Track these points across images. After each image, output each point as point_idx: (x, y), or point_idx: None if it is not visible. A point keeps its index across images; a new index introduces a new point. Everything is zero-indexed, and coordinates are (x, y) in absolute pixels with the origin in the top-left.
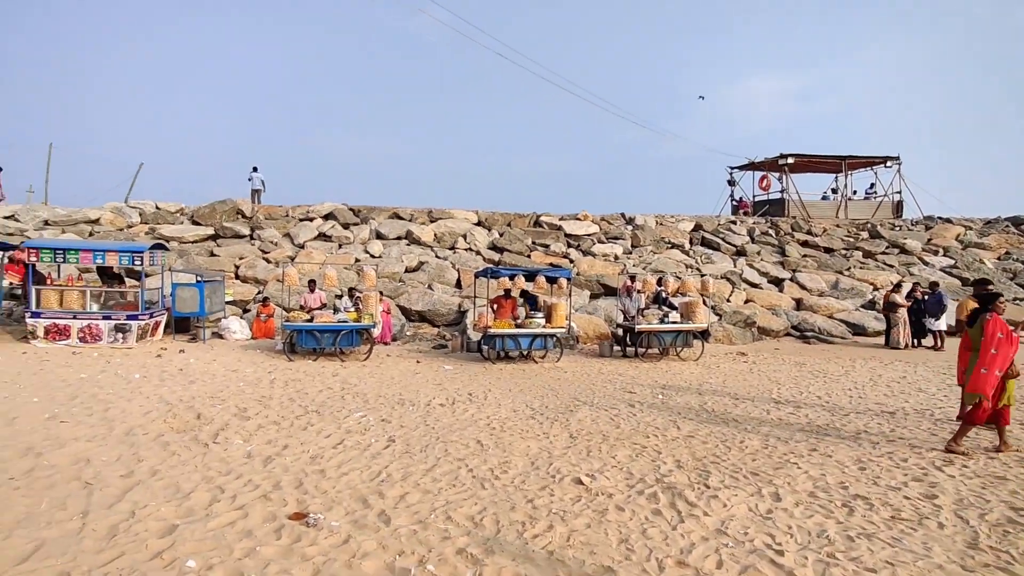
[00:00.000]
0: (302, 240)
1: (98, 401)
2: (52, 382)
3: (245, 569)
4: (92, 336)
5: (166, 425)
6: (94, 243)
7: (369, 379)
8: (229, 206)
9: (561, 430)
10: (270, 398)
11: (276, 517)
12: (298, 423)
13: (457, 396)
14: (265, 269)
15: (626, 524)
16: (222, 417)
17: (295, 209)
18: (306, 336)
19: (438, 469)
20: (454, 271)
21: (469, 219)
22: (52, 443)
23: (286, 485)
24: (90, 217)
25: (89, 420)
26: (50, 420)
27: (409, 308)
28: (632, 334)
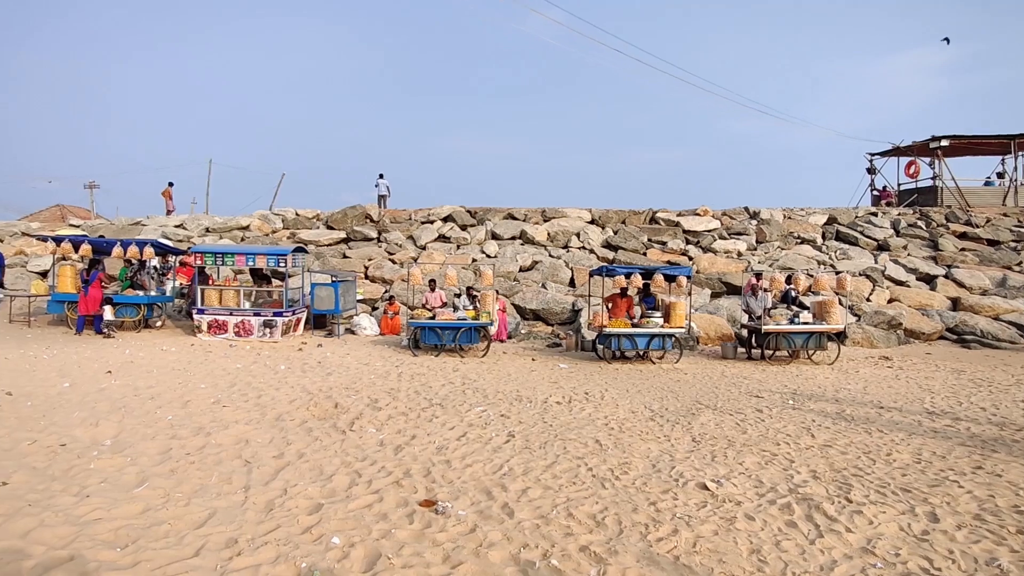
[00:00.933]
0: (423, 242)
1: (252, 389)
2: (215, 371)
3: (382, 549)
4: (245, 331)
5: (309, 413)
6: (246, 247)
7: (487, 375)
8: (359, 211)
9: (683, 433)
10: (398, 390)
11: (408, 503)
12: (424, 415)
13: (574, 395)
14: (391, 269)
15: (757, 534)
16: (356, 407)
17: (417, 212)
18: (429, 333)
19: (558, 466)
20: (567, 270)
21: (582, 217)
22: (218, 424)
23: (415, 473)
24: (241, 224)
25: (245, 405)
26: (215, 404)
27: (524, 307)
28: (758, 335)
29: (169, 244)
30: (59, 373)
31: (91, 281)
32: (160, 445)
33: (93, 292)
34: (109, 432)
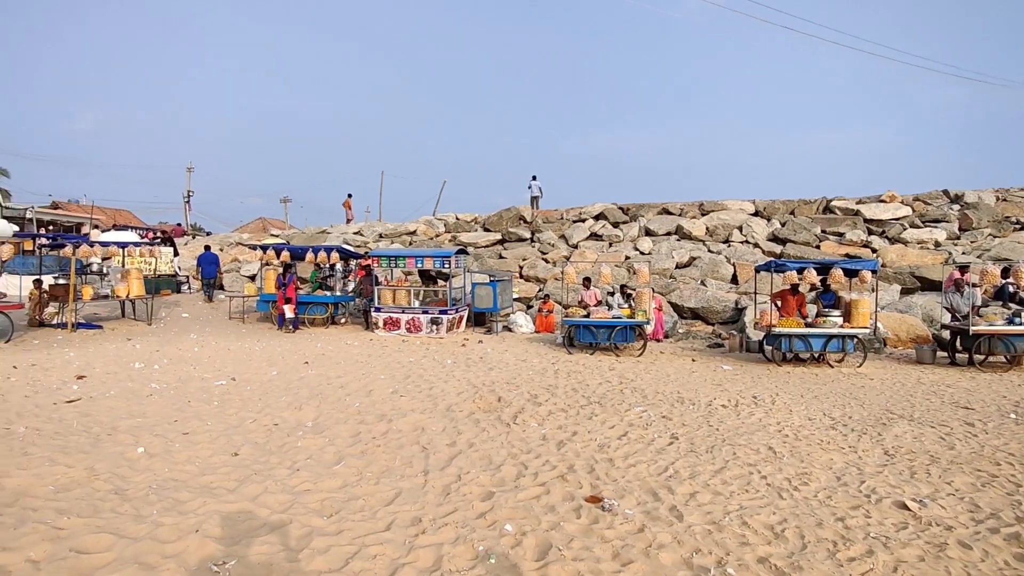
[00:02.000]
0: (576, 240)
1: (424, 381)
2: (391, 364)
3: (553, 540)
4: (415, 327)
5: (475, 405)
6: (415, 251)
7: (645, 375)
8: (513, 213)
9: (872, 445)
10: (556, 387)
11: (574, 497)
12: (583, 412)
13: (740, 398)
14: (544, 268)
15: (976, 566)
16: (518, 401)
17: (568, 211)
18: (584, 331)
19: (727, 472)
20: (729, 266)
21: (745, 210)
22: (397, 412)
23: (579, 469)
24: (409, 229)
25: (419, 396)
26: (393, 394)
27: (681, 305)
28: (964, 337)
29: (350, 249)
30: (268, 362)
31: (288, 283)
32: (351, 429)
33: (289, 293)
34: (310, 415)
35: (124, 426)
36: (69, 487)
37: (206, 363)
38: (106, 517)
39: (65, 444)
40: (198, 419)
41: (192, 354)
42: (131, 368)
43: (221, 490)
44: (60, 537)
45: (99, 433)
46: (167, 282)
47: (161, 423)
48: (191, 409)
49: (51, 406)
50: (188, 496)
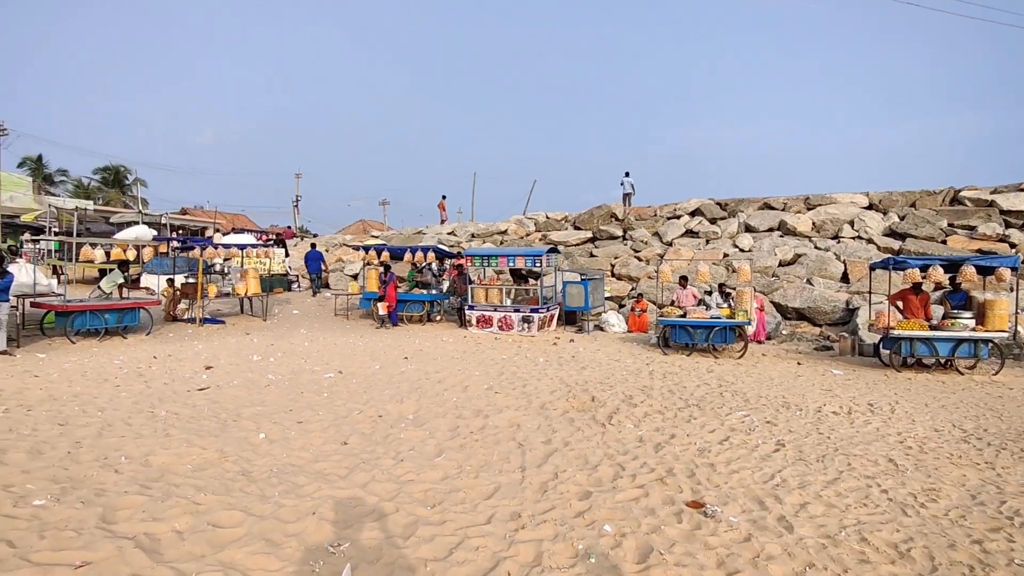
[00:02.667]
0: (670, 238)
1: (517, 378)
2: (485, 360)
3: (653, 544)
4: (506, 325)
5: (569, 404)
6: (507, 250)
7: (746, 378)
8: (604, 211)
9: (1015, 462)
10: (651, 388)
11: (674, 502)
12: (681, 415)
13: (854, 405)
14: (637, 267)
15: None
16: (612, 402)
17: (662, 208)
18: (679, 331)
19: (842, 484)
20: (839, 263)
21: (857, 203)
22: (493, 409)
23: (679, 472)
24: (500, 229)
25: (513, 393)
26: (488, 390)
27: (785, 305)
28: None
29: (445, 249)
30: (371, 357)
31: (388, 282)
32: (449, 423)
33: (389, 291)
34: (410, 408)
35: (247, 413)
36: (204, 467)
37: (315, 357)
38: (236, 496)
39: (198, 428)
40: (310, 409)
41: (303, 348)
42: (250, 360)
43: (333, 476)
44: (199, 511)
45: (226, 419)
46: (279, 281)
47: (278, 412)
48: (304, 399)
49: (185, 393)
50: (304, 480)
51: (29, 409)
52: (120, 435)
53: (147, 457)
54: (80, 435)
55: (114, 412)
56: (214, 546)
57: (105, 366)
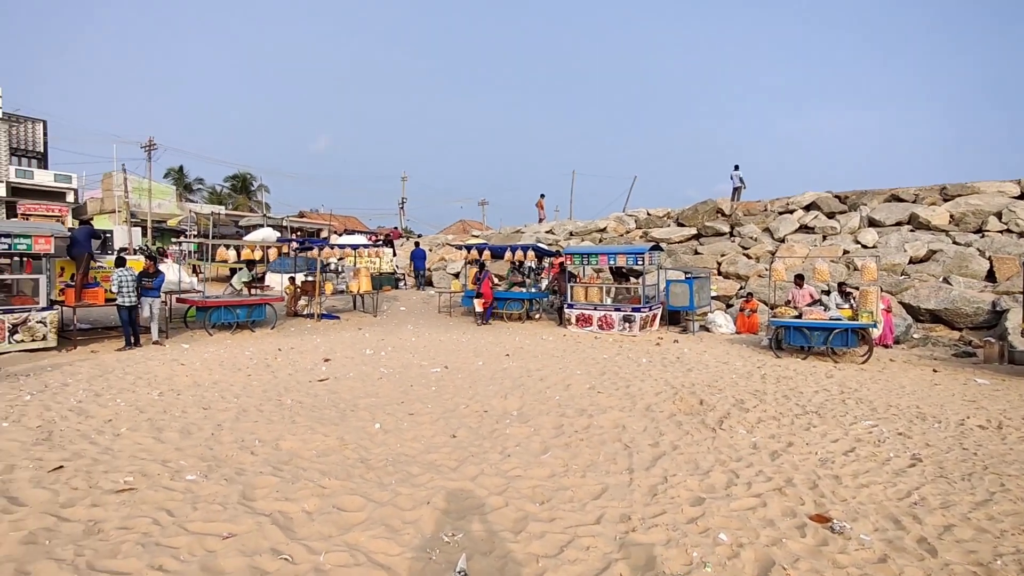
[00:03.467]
0: (782, 234)
1: (620, 379)
2: (586, 360)
3: (775, 557)
4: (607, 324)
5: (675, 407)
6: (608, 248)
7: (871, 385)
8: (710, 206)
9: None
10: (764, 392)
11: (796, 514)
12: (798, 422)
13: (1005, 419)
14: (746, 265)
15: None
16: (722, 406)
17: (773, 203)
18: (794, 333)
19: (994, 506)
20: (983, 260)
21: (1005, 192)
22: (597, 408)
23: (799, 483)
24: (599, 226)
25: (616, 393)
26: (590, 390)
27: (916, 306)
28: None
29: (544, 247)
30: (474, 353)
31: (482, 279)
32: (553, 421)
33: (484, 288)
34: (514, 405)
35: (363, 404)
36: (327, 453)
37: (422, 352)
38: (356, 482)
39: (320, 416)
40: (420, 402)
41: (410, 343)
42: (363, 354)
43: (444, 468)
44: (324, 494)
45: (344, 409)
46: (388, 279)
47: (391, 403)
48: (413, 392)
49: (307, 383)
50: (418, 471)
51: (178, 393)
52: (254, 420)
53: (277, 441)
54: (220, 418)
55: (248, 399)
56: (339, 527)
57: (238, 356)
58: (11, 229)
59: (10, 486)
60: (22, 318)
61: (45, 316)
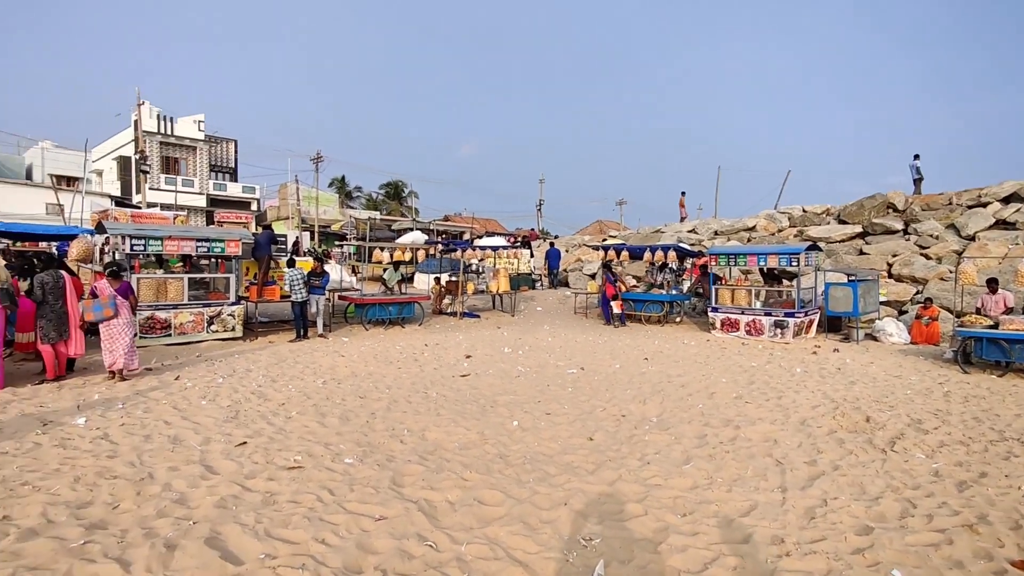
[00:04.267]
0: (971, 230)
1: (771, 388)
2: (731, 367)
3: None
4: (755, 330)
5: (836, 423)
6: (757, 248)
7: None
8: (878, 201)
9: None
10: (947, 413)
11: (992, 557)
12: (994, 449)
13: None
14: (924, 266)
15: None
16: (894, 425)
17: (960, 195)
18: (989, 346)
19: None
20: None
21: None
22: (744, 419)
23: (996, 521)
24: (747, 225)
25: (767, 404)
26: (737, 399)
27: None
28: None
29: (686, 247)
30: (611, 356)
31: (609, 282)
32: (696, 430)
33: (608, 290)
34: (654, 411)
35: (501, 401)
36: (468, 446)
37: (558, 352)
38: (496, 477)
39: (462, 410)
40: (556, 402)
41: (546, 343)
42: (502, 352)
43: (581, 471)
44: (466, 487)
45: (484, 404)
46: (525, 279)
47: (528, 401)
48: (550, 392)
49: (450, 378)
50: (555, 471)
51: (339, 382)
52: (403, 411)
53: (423, 432)
54: (374, 407)
55: (398, 390)
56: (480, 520)
57: (389, 350)
58: (209, 234)
59: (207, 456)
60: (217, 311)
61: (234, 310)
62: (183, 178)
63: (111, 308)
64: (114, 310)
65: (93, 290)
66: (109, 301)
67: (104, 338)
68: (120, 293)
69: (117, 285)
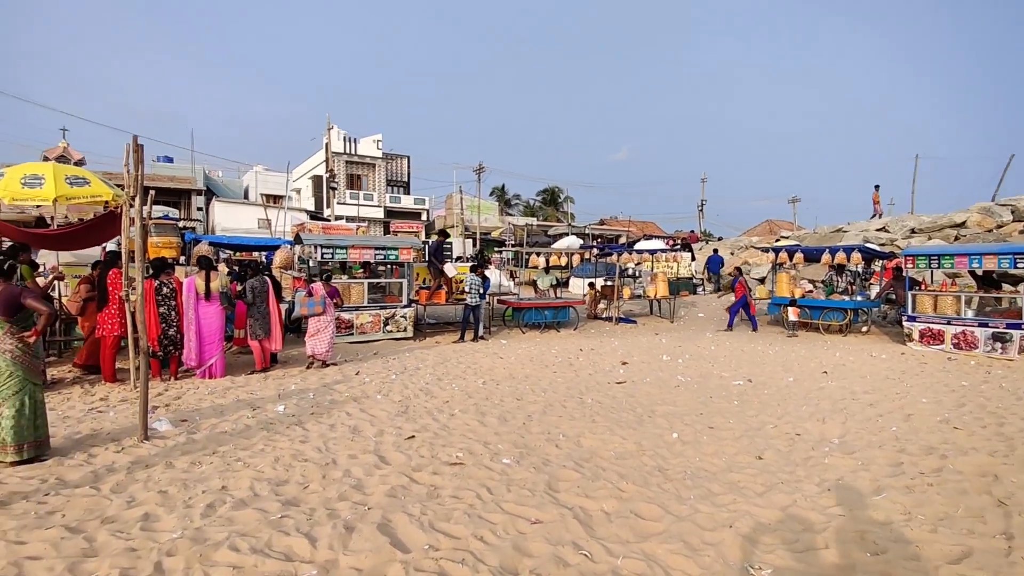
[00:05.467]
0: None
1: (987, 413)
2: (934, 385)
3: None
4: (967, 343)
5: None
6: (968, 247)
7: None
8: None
9: None
10: None
11: None
12: None
13: None
14: None
15: None
16: None
17: None
18: None
19: None
20: None
21: None
22: (951, 448)
23: None
24: (955, 221)
25: (983, 432)
26: (942, 423)
27: None
28: None
29: (874, 248)
30: (783, 368)
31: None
32: (888, 456)
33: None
34: (835, 431)
35: (659, 411)
36: (624, 456)
37: (722, 362)
38: (654, 490)
39: (618, 418)
40: (720, 415)
41: (709, 352)
42: (660, 360)
43: (748, 491)
44: (623, 498)
45: (641, 414)
46: (685, 284)
47: (689, 413)
48: (713, 405)
49: (606, 384)
50: (719, 489)
51: (498, 383)
52: (558, 415)
53: (578, 438)
54: (530, 410)
55: (553, 394)
56: (637, 534)
57: (545, 354)
58: (386, 243)
59: (380, 446)
60: (392, 313)
61: (406, 312)
62: (364, 193)
63: (321, 306)
64: (324, 308)
65: (309, 290)
66: (321, 300)
67: (311, 331)
68: (329, 295)
69: (328, 288)
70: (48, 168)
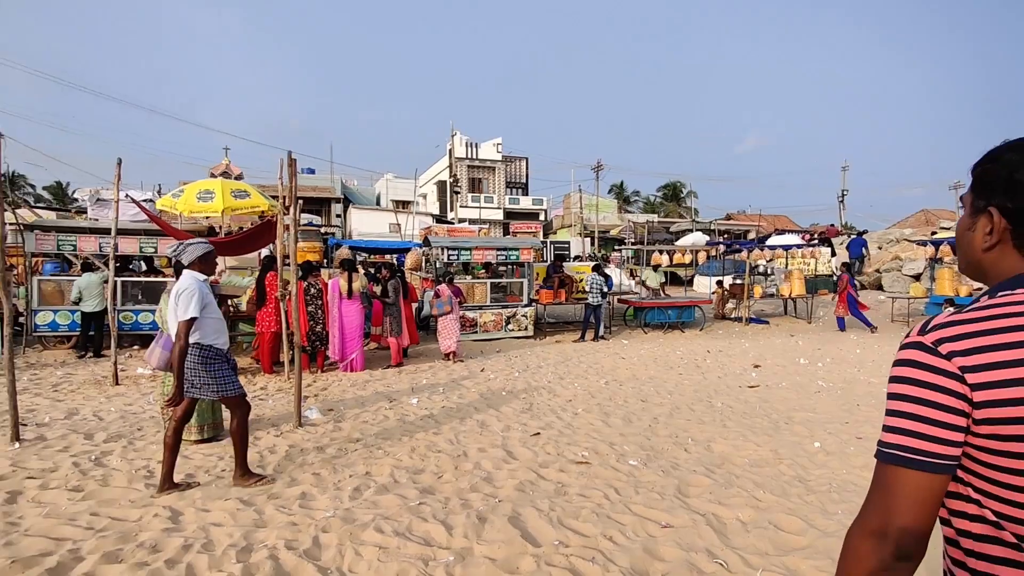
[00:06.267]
0: None
1: None
2: None
3: None
4: None
5: None
6: None
7: None
8: None
9: None
10: None
11: None
12: None
13: None
14: None
15: None
16: None
17: None
18: None
19: None
20: None
21: None
22: None
23: None
24: None
25: None
26: None
27: None
28: None
29: None
30: None
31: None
32: None
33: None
34: None
35: (798, 418)
36: (759, 464)
37: (870, 367)
38: (794, 502)
39: (751, 424)
40: (869, 425)
41: (854, 355)
42: (796, 363)
43: None
44: (759, 508)
45: (777, 420)
46: (824, 282)
47: (832, 421)
48: (860, 413)
49: (737, 388)
50: None
51: (620, 384)
52: (686, 418)
53: (709, 443)
54: (656, 412)
55: (680, 397)
56: (776, 547)
57: (669, 355)
58: (507, 243)
59: (507, 442)
60: (513, 312)
61: (527, 311)
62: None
63: (449, 305)
64: (451, 307)
65: (437, 291)
66: (448, 300)
67: (441, 329)
68: (454, 294)
69: (453, 289)
70: (217, 184)
